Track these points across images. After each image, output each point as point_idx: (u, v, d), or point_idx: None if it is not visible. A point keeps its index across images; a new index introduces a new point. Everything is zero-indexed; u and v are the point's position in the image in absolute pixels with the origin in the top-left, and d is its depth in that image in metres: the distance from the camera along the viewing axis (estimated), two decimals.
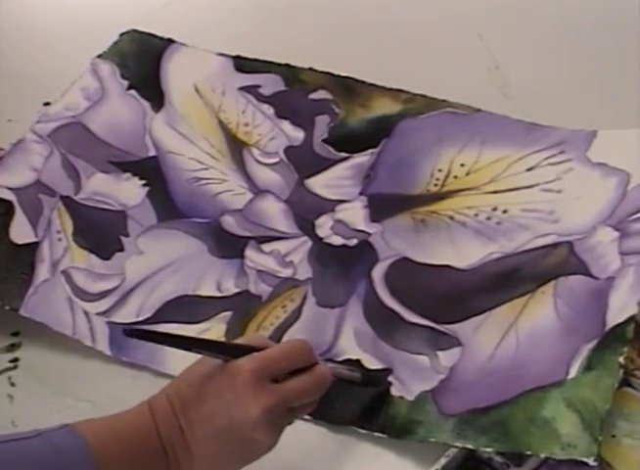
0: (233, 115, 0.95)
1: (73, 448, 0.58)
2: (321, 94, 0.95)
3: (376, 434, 0.71)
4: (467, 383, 0.73)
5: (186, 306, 0.82)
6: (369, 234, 0.84)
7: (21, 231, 0.86)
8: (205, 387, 0.61)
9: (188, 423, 0.61)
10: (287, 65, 0.97)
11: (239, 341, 0.66)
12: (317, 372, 0.64)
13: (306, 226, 0.86)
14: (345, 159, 0.90)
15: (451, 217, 0.83)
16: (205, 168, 0.91)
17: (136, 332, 0.62)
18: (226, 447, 0.61)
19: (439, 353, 0.75)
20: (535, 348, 0.72)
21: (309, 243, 0.84)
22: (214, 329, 0.80)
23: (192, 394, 0.62)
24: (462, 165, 0.87)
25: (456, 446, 0.68)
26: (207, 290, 0.83)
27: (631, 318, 0.70)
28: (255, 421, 0.60)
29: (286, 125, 0.93)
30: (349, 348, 0.77)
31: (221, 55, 1.00)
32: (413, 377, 0.74)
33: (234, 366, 0.61)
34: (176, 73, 0.99)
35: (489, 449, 0.68)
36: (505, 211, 0.83)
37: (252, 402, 0.60)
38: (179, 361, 0.78)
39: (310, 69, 0.97)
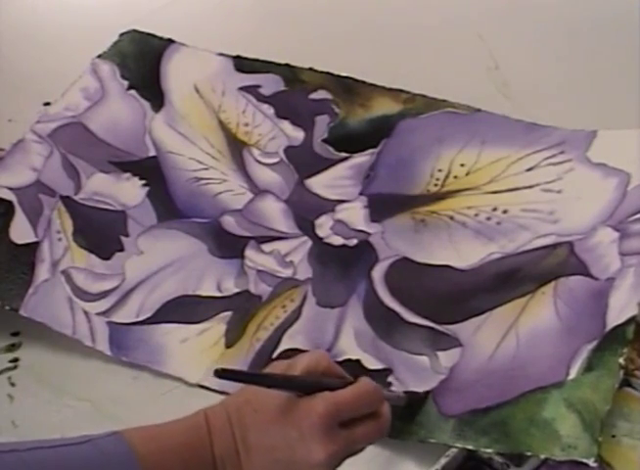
0: (233, 115, 0.95)
1: (121, 457, 0.57)
2: (321, 94, 0.95)
3: None
4: (467, 383, 0.72)
5: (186, 306, 0.82)
6: (369, 234, 0.84)
7: (21, 231, 0.86)
8: (273, 418, 0.60)
9: (246, 448, 0.60)
10: (287, 65, 0.97)
11: (303, 358, 0.62)
12: (383, 418, 0.62)
13: (306, 226, 0.86)
14: (345, 159, 0.90)
15: (451, 217, 0.83)
16: (205, 168, 0.91)
17: (225, 373, 0.58)
18: None
19: (439, 354, 0.75)
20: (535, 348, 0.72)
21: (309, 243, 0.84)
22: (214, 329, 0.80)
23: (256, 420, 0.60)
24: (462, 165, 0.87)
25: (456, 446, 0.68)
26: (207, 290, 0.83)
27: (631, 319, 0.70)
28: (318, 464, 0.59)
29: (286, 125, 0.93)
30: (349, 348, 0.77)
31: (221, 55, 1.00)
32: (413, 377, 0.74)
33: (307, 405, 0.59)
34: (176, 73, 0.99)
35: (489, 450, 0.68)
36: (505, 212, 0.83)
37: (318, 446, 0.58)
38: (179, 361, 0.78)
39: (310, 69, 0.97)
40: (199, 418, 0.61)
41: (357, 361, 0.76)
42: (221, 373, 0.57)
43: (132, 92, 0.97)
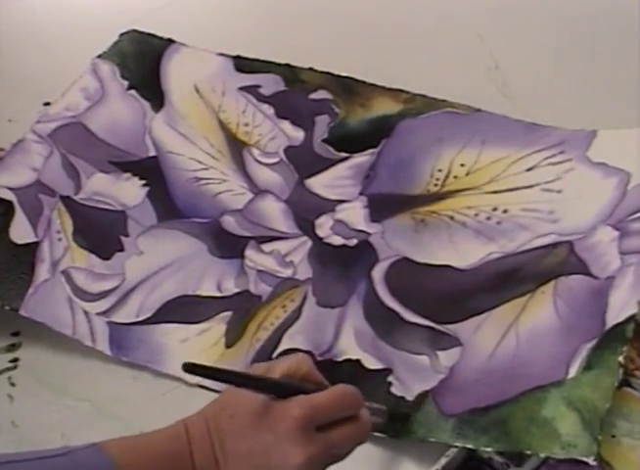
0: (233, 115, 0.95)
1: (100, 468, 0.57)
2: (321, 94, 0.95)
3: (376, 434, 0.71)
4: (467, 383, 0.72)
5: (186, 306, 0.82)
6: (369, 234, 0.84)
7: (21, 231, 0.86)
8: (248, 423, 0.59)
9: (224, 456, 0.59)
10: (287, 65, 0.97)
11: (283, 362, 0.62)
12: (362, 421, 0.61)
13: (306, 226, 0.86)
14: (345, 159, 0.90)
15: (451, 217, 0.83)
16: (205, 168, 0.91)
17: (194, 368, 0.58)
18: None
19: (439, 353, 0.75)
20: (535, 347, 0.72)
21: (309, 243, 0.84)
22: (214, 329, 0.80)
23: (232, 426, 0.60)
24: (462, 165, 0.87)
25: (456, 446, 0.68)
26: (207, 290, 0.83)
27: (631, 318, 0.70)
28: (296, 468, 0.58)
29: (286, 125, 0.93)
30: (349, 348, 0.77)
31: (221, 55, 1.00)
32: (413, 377, 0.74)
33: (281, 409, 0.59)
34: (176, 73, 0.99)
35: (489, 449, 0.68)
36: (505, 211, 0.83)
37: (295, 450, 0.58)
38: (179, 361, 0.78)
39: (310, 69, 0.97)
40: (178, 428, 0.61)
41: (357, 361, 0.76)
42: (190, 368, 0.57)
43: (132, 92, 0.97)
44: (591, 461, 0.64)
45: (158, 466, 0.59)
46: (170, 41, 1.01)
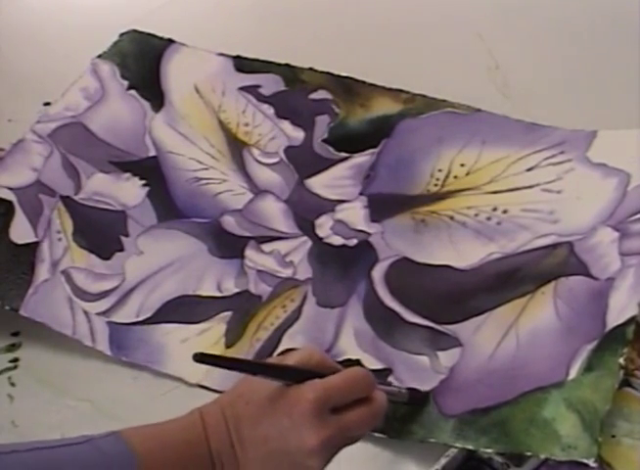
0: (233, 115, 0.95)
1: (120, 456, 0.57)
2: (321, 94, 0.95)
3: (376, 434, 0.71)
4: (467, 383, 0.72)
5: (186, 306, 0.82)
6: (369, 234, 0.84)
7: (21, 231, 0.87)
8: (263, 408, 0.60)
9: (240, 441, 0.60)
10: (287, 65, 0.97)
11: (295, 354, 0.63)
12: (376, 403, 0.62)
13: (306, 226, 0.86)
14: (345, 159, 0.90)
15: (451, 217, 0.83)
16: (205, 168, 0.91)
17: (204, 357, 0.58)
18: None
19: (439, 354, 0.75)
20: (535, 348, 0.72)
21: (309, 243, 0.85)
22: (214, 329, 0.80)
23: (248, 412, 0.60)
24: (462, 165, 0.87)
25: (456, 447, 0.68)
26: (207, 290, 0.83)
27: (631, 319, 0.70)
28: (311, 451, 0.59)
29: (286, 125, 0.93)
30: (349, 348, 0.77)
31: (221, 55, 1.00)
32: (413, 377, 0.74)
33: (295, 393, 0.59)
34: (176, 73, 0.99)
35: (489, 450, 0.68)
36: (505, 212, 0.83)
37: (310, 433, 0.58)
38: (179, 361, 0.78)
39: (310, 69, 0.97)
40: (194, 416, 0.62)
41: (357, 361, 0.76)
42: (201, 358, 0.57)
43: (132, 92, 0.97)
44: (591, 463, 0.64)
45: (176, 453, 0.60)
46: (170, 41, 1.01)
